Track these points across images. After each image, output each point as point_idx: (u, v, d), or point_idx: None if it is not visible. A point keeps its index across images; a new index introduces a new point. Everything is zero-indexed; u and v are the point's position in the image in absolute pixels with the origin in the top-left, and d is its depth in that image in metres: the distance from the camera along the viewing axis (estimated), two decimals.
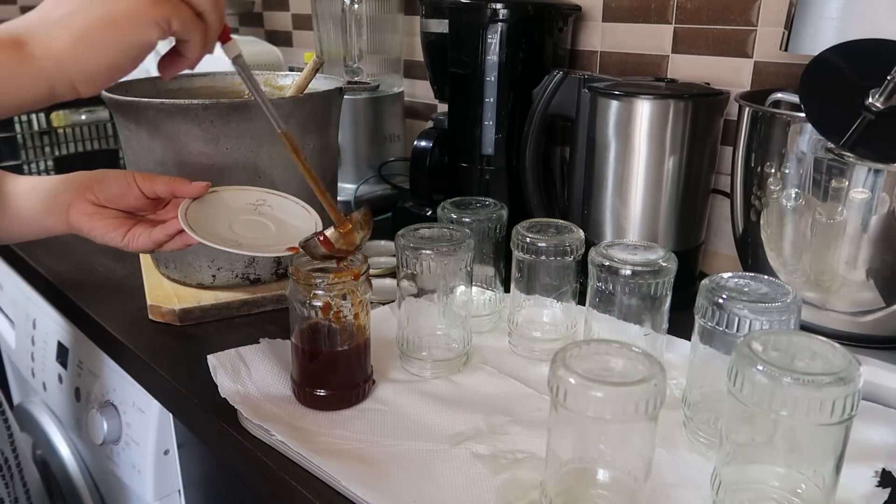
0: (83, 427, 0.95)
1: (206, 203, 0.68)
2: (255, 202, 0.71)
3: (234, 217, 0.68)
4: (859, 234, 0.64)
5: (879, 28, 0.60)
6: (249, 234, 0.67)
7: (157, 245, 0.67)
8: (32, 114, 1.26)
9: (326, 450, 0.57)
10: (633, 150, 0.80)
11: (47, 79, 0.49)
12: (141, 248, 0.67)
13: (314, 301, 0.60)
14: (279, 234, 0.68)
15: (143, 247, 0.67)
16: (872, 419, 0.61)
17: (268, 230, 0.68)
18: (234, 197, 0.71)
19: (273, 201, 0.71)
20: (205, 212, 0.67)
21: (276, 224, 0.69)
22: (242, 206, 0.70)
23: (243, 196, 0.71)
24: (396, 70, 1.25)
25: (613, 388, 0.44)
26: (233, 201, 0.70)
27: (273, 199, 0.72)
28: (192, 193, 0.67)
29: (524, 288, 0.73)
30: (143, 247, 0.67)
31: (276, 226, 0.69)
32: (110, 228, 0.66)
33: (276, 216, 0.70)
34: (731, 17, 0.91)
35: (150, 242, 0.67)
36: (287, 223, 0.69)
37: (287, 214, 0.70)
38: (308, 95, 0.82)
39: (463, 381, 0.68)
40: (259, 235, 0.67)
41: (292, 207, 0.71)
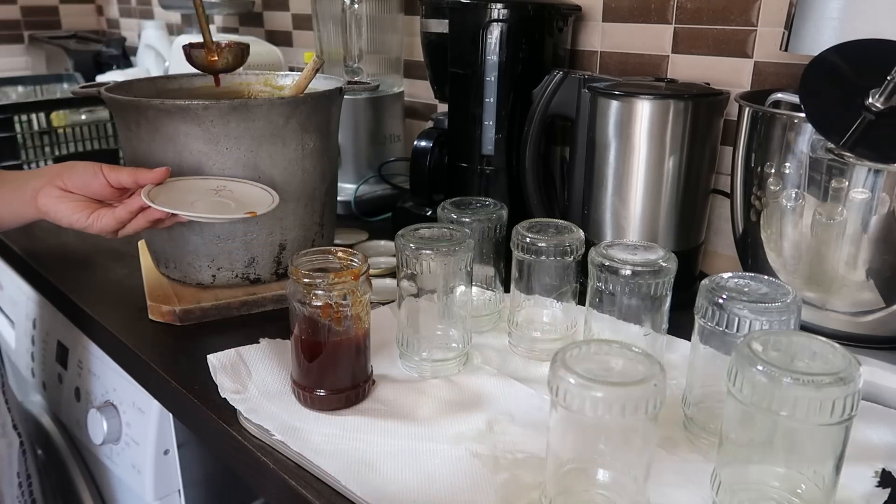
0: (83, 427, 0.95)
1: (167, 187, 0.72)
2: (217, 188, 0.75)
3: (196, 198, 0.72)
4: (859, 234, 0.64)
5: (879, 28, 0.60)
6: (214, 209, 0.70)
7: (120, 223, 0.70)
8: (32, 114, 1.26)
9: (326, 450, 0.57)
10: (633, 150, 0.80)
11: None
12: (104, 228, 0.70)
13: (314, 301, 0.60)
14: (239, 209, 0.71)
15: (106, 226, 0.70)
16: (872, 419, 0.61)
17: (228, 207, 0.71)
18: (196, 184, 0.75)
19: (234, 187, 0.75)
20: (167, 194, 0.71)
21: (237, 203, 0.72)
22: (204, 191, 0.73)
23: (204, 183, 0.75)
24: (396, 70, 1.25)
25: (613, 388, 0.44)
26: (194, 186, 0.74)
27: (234, 185, 0.75)
28: (153, 178, 0.70)
29: (524, 288, 0.73)
30: (107, 226, 0.70)
31: (236, 204, 0.72)
32: (75, 210, 0.70)
33: (236, 198, 0.73)
34: (731, 17, 0.91)
35: (114, 221, 0.70)
36: (247, 202, 0.72)
37: (247, 195, 0.73)
38: (308, 95, 0.82)
39: (463, 381, 0.68)
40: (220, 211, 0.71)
41: (253, 190, 0.75)
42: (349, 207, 1.16)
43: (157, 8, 1.97)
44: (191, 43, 0.82)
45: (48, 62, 2.08)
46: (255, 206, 0.72)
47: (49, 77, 1.71)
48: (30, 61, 2.17)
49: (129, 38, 2.10)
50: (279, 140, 0.78)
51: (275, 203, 0.72)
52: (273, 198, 0.73)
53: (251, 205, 0.72)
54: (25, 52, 2.20)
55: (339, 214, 1.07)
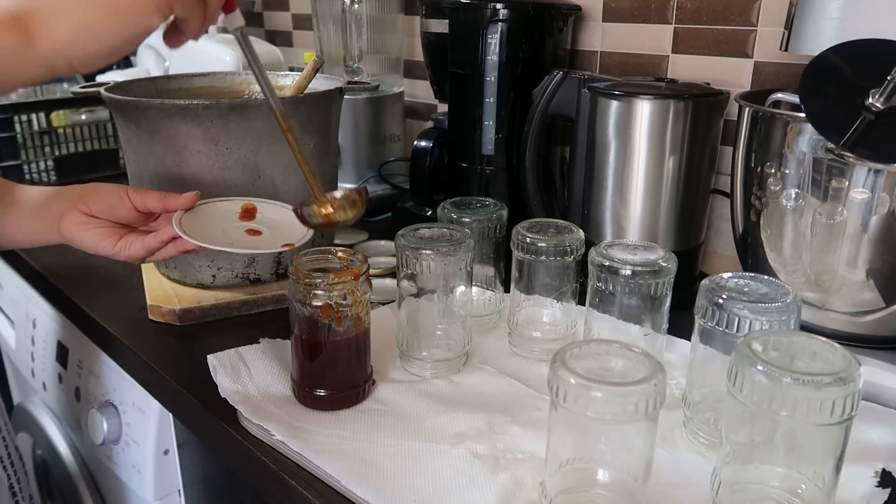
0: (83, 427, 0.95)
1: (197, 213, 0.69)
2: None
3: (227, 224, 0.69)
4: (859, 234, 0.64)
5: (879, 28, 0.60)
6: (243, 238, 0.68)
7: (149, 253, 0.67)
8: (32, 114, 1.26)
9: (326, 450, 0.57)
10: (633, 150, 0.80)
11: (47, 62, 0.49)
12: (132, 256, 0.67)
13: (314, 301, 0.60)
14: (273, 237, 0.68)
15: (135, 254, 0.67)
16: (872, 419, 0.61)
17: (261, 234, 0.69)
18: (226, 206, 0.72)
19: (264, 209, 0.72)
20: (197, 221, 0.68)
21: (269, 228, 0.70)
22: (233, 216, 0.71)
23: (232, 205, 0.72)
24: (396, 70, 1.25)
25: (613, 388, 0.44)
26: (225, 210, 0.71)
27: (264, 207, 0.73)
28: (183, 205, 0.67)
29: (524, 288, 0.73)
30: (135, 254, 0.67)
31: (268, 230, 0.69)
32: (101, 237, 0.67)
33: (268, 222, 0.71)
34: (731, 17, 0.91)
35: (143, 250, 0.67)
36: (279, 228, 0.69)
37: (279, 220, 0.71)
38: (308, 95, 0.82)
39: (463, 381, 0.68)
40: (253, 239, 0.68)
41: (284, 213, 0.72)
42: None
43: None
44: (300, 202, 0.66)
45: None
46: (287, 230, 0.68)
47: None
48: None
49: None
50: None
51: (310, 233, 0.68)
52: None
53: (283, 230, 0.68)
54: None
55: None
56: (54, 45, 0.48)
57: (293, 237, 0.67)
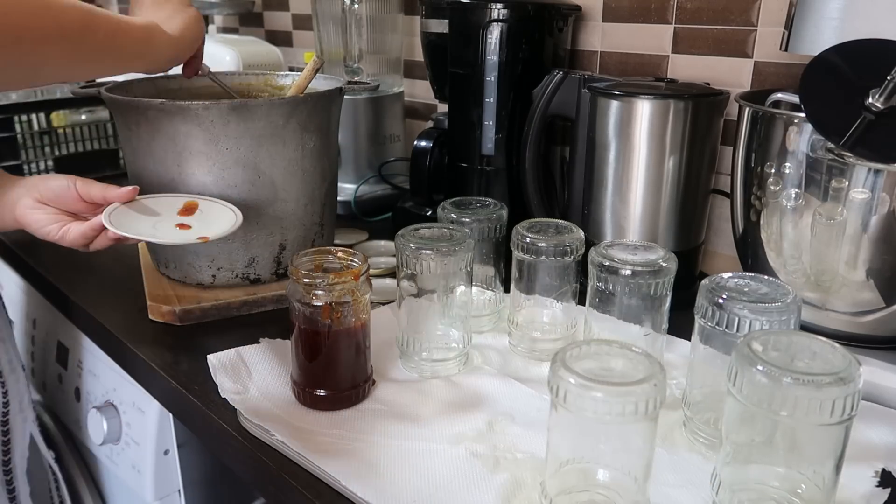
0: (83, 427, 0.95)
1: (136, 206, 0.73)
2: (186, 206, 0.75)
3: (162, 218, 0.72)
4: (859, 234, 0.64)
5: (879, 28, 0.60)
6: (170, 231, 0.71)
7: (86, 239, 0.72)
8: (32, 114, 1.26)
9: (326, 450, 0.57)
10: (633, 150, 0.80)
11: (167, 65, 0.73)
12: (73, 241, 0.72)
13: (314, 301, 0.60)
14: (197, 231, 0.71)
15: (74, 240, 0.72)
16: (872, 419, 0.61)
17: (189, 228, 0.71)
18: (163, 202, 0.75)
19: (207, 206, 0.75)
20: (132, 213, 0.71)
21: (200, 223, 0.72)
22: (171, 210, 0.74)
23: (170, 202, 0.75)
24: (396, 70, 1.25)
25: (613, 388, 0.44)
26: (166, 206, 0.74)
27: (208, 205, 0.75)
28: (120, 197, 0.71)
29: (524, 288, 0.73)
30: (75, 240, 0.72)
31: (198, 224, 0.72)
32: (48, 222, 0.72)
33: (203, 218, 0.73)
34: (731, 17, 0.91)
35: (81, 236, 0.71)
36: (208, 224, 0.72)
37: (214, 217, 0.73)
38: (308, 95, 0.81)
39: (463, 381, 0.68)
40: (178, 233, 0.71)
41: (221, 210, 0.74)
42: (349, 207, 1.16)
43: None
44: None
45: None
46: (216, 227, 0.71)
47: None
48: None
49: None
50: (279, 140, 0.78)
51: (235, 226, 0.71)
52: (236, 218, 0.72)
53: (212, 226, 0.71)
54: None
55: (339, 214, 1.07)
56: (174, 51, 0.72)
57: (216, 233, 0.70)
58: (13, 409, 0.87)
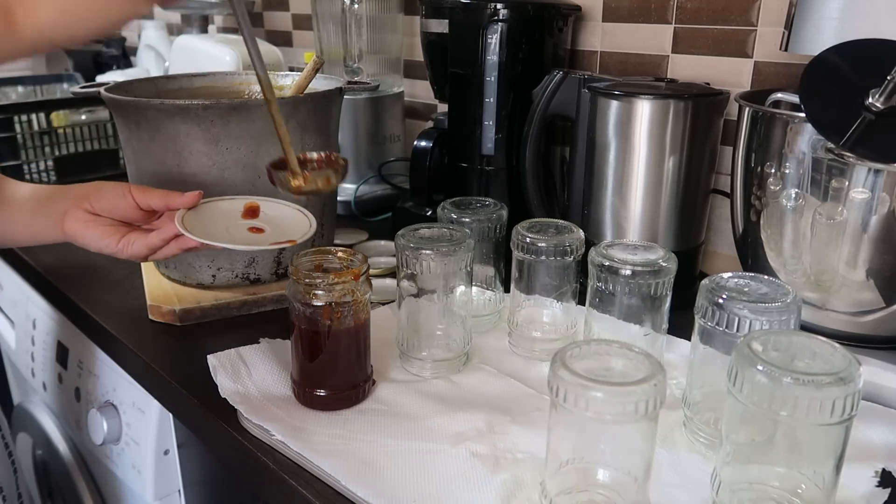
0: (83, 427, 0.95)
1: (200, 212, 0.69)
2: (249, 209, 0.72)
3: (230, 223, 0.69)
4: (859, 234, 0.64)
5: (879, 28, 0.60)
6: (246, 236, 0.68)
7: (151, 250, 0.68)
8: (32, 114, 1.26)
9: (326, 450, 0.57)
10: (633, 150, 0.80)
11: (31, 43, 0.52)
12: (135, 254, 0.68)
13: (314, 301, 0.60)
14: (275, 234, 0.68)
15: (137, 252, 0.67)
16: (872, 419, 0.61)
17: (264, 232, 0.69)
18: (229, 205, 0.72)
19: (267, 207, 0.72)
20: (200, 219, 0.68)
21: (272, 226, 0.70)
22: (236, 214, 0.71)
23: (237, 204, 0.72)
24: (396, 70, 1.25)
25: (613, 388, 0.44)
26: (228, 209, 0.71)
27: (267, 205, 0.72)
28: (185, 203, 0.67)
29: (524, 288, 0.73)
30: (138, 252, 0.67)
31: (271, 227, 0.69)
32: (105, 235, 0.67)
33: (270, 220, 0.71)
34: (731, 17, 0.91)
35: (145, 248, 0.67)
36: (281, 226, 0.69)
37: (281, 217, 0.71)
38: (308, 95, 0.82)
39: (463, 381, 0.68)
40: (256, 236, 0.68)
41: (288, 211, 0.72)
42: (349, 207, 1.16)
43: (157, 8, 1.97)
44: (272, 162, 0.66)
45: (48, 62, 2.08)
46: (290, 228, 0.68)
47: (49, 77, 1.71)
48: (30, 61, 2.17)
49: (128, 39, 2.10)
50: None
51: (312, 228, 0.68)
52: (310, 221, 0.70)
53: (286, 228, 0.68)
54: None
55: (339, 214, 1.07)
56: (36, 30, 0.51)
57: (295, 234, 0.67)
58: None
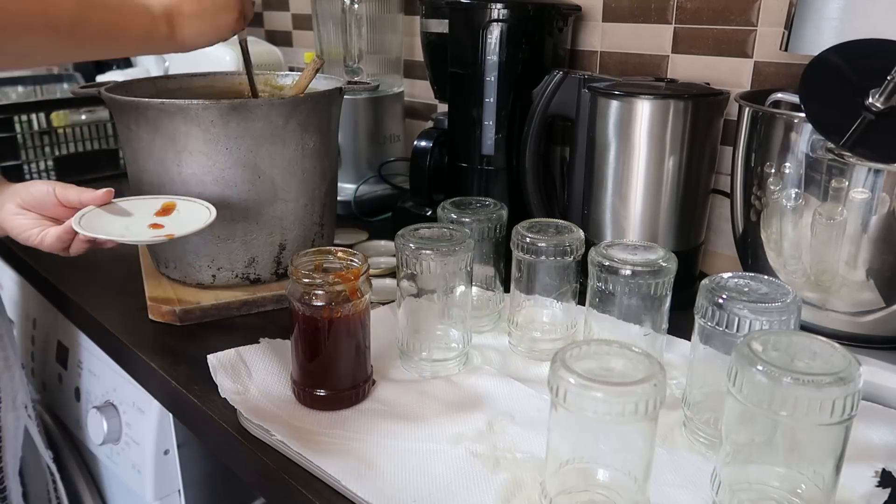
0: (83, 427, 0.95)
1: (111, 209, 0.73)
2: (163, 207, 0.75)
3: (136, 219, 0.72)
4: (859, 234, 0.64)
5: (879, 28, 0.60)
6: (143, 232, 0.71)
7: (62, 243, 0.71)
8: (32, 114, 1.26)
9: (326, 450, 0.57)
10: (633, 150, 0.80)
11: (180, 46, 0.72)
12: (51, 245, 0.72)
13: (314, 301, 0.60)
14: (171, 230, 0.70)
15: (52, 244, 0.71)
16: (872, 419, 0.61)
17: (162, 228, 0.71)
18: (140, 204, 0.75)
19: (182, 206, 0.75)
20: (104, 217, 0.71)
21: (174, 223, 0.72)
22: (145, 212, 0.74)
23: (148, 204, 0.75)
24: (396, 70, 1.25)
25: (613, 388, 0.44)
26: (136, 208, 0.74)
27: (183, 204, 0.75)
28: (95, 200, 0.71)
29: (524, 288, 0.73)
30: (52, 244, 0.71)
31: (172, 224, 0.72)
32: (27, 227, 0.72)
33: (178, 218, 0.73)
34: (731, 17, 0.91)
35: (57, 240, 0.71)
36: (182, 224, 0.72)
37: (189, 217, 0.73)
38: (308, 95, 0.82)
39: (463, 381, 0.68)
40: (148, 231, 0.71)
41: (197, 209, 0.74)
42: (349, 207, 1.16)
43: None
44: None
45: None
46: (188, 226, 0.71)
47: (49, 77, 1.71)
48: None
49: None
50: (279, 140, 0.78)
51: (207, 222, 0.71)
52: (210, 214, 0.72)
53: (186, 226, 0.71)
54: None
55: (339, 214, 1.07)
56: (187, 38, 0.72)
57: (185, 230, 0.70)
58: (5, 407, 0.87)
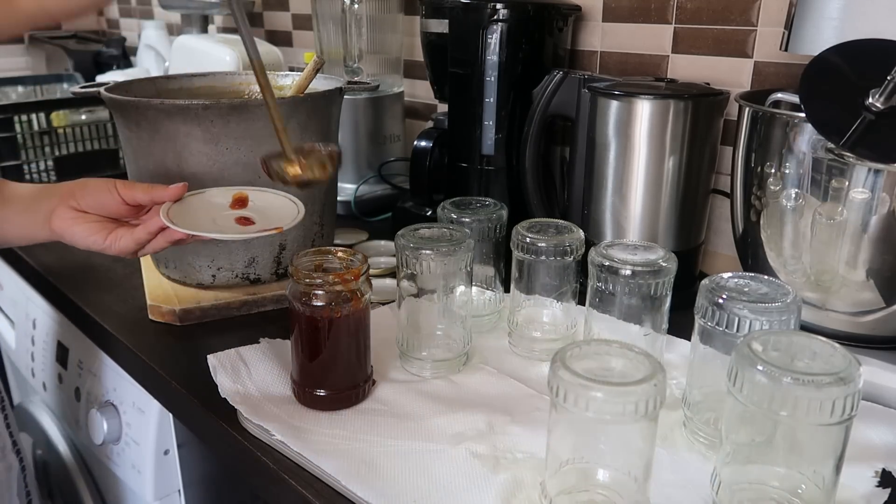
0: (83, 427, 0.95)
1: (187, 204, 0.69)
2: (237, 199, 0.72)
3: (218, 214, 0.69)
4: (859, 234, 0.64)
5: (879, 28, 0.60)
6: (233, 226, 0.68)
7: (139, 245, 0.67)
8: (32, 114, 1.26)
9: (326, 450, 0.57)
10: (633, 150, 0.80)
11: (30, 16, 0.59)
12: (123, 249, 0.67)
13: (314, 301, 0.60)
14: (263, 223, 0.68)
15: (125, 247, 0.67)
16: (872, 419, 0.61)
17: (253, 222, 0.69)
18: (217, 196, 0.72)
19: (256, 196, 0.72)
20: (187, 211, 0.68)
21: (261, 215, 0.69)
22: (224, 204, 0.71)
23: (226, 195, 0.72)
24: (396, 70, 1.25)
25: (613, 388, 0.44)
26: (216, 200, 0.71)
27: (256, 195, 0.72)
28: (170, 196, 0.67)
29: (524, 288, 0.73)
30: (126, 247, 0.67)
31: (260, 216, 0.69)
32: (92, 232, 0.67)
33: (259, 209, 0.70)
34: (731, 17, 0.91)
35: (133, 242, 0.67)
36: (270, 215, 0.69)
37: (270, 207, 0.71)
38: (308, 95, 0.82)
39: (463, 381, 0.68)
40: (243, 227, 0.68)
41: (276, 200, 0.72)
42: (349, 207, 1.16)
43: (157, 8, 1.97)
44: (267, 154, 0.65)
45: (48, 62, 2.08)
46: (279, 217, 0.68)
47: (49, 77, 1.71)
48: (30, 61, 2.17)
49: (129, 38, 2.10)
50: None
51: (300, 215, 0.68)
52: (298, 208, 0.69)
53: (275, 216, 0.68)
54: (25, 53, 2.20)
55: (339, 214, 1.07)
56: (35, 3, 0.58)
57: (283, 221, 0.67)
58: None
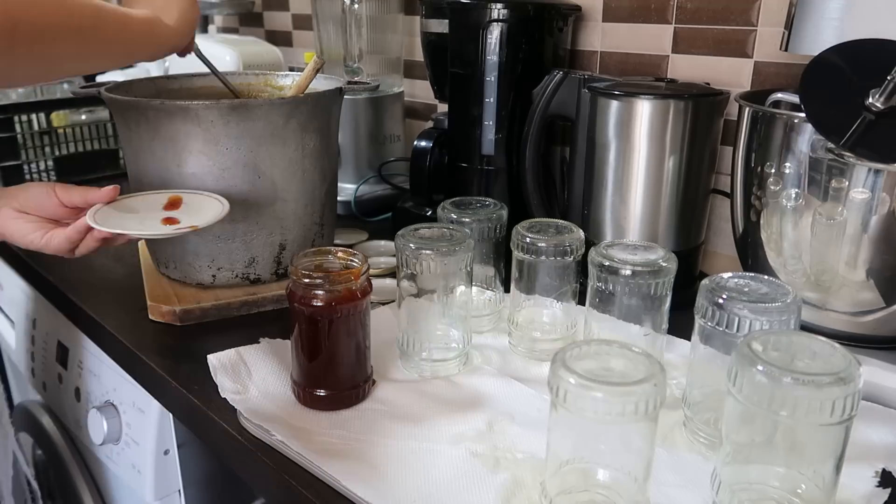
0: (83, 427, 0.95)
1: (120, 206, 0.72)
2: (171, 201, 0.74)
3: (147, 215, 0.72)
4: (859, 234, 0.64)
5: (879, 28, 0.60)
6: (157, 227, 0.70)
7: (72, 243, 0.70)
8: (32, 114, 1.26)
9: (326, 450, 0.57)
10: (633, 150, 0.80)
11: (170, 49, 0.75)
12: (58, 248, 0.70)
13: (314, 301, 0.60)
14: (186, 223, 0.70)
15: (59, 245, 0.70)
16: (872, 419, 0.61)
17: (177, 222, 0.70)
18: (152, 198, 0.74)
19: (189, 199, 0.74)
20: (117, 212, 0.71)
21: (187, 216, 0.71)
22: (154, 207, 0.73)
23: (161, 197, 0.74)
24: (396, 70, 1.25)
25: (613, 388, 0.44)
26: (149, 203, 0.74)
27: (189, 197, 0.74)
28: (102, 198, 0.70)
29: (524, 288, 0.73)
30: (60, 245, 0.70)
31: (186, 217, 0.71)
32: (30, 231, 0.70)
33: (189, 211, 0.73)
34: (731, 17, 0.91)
35: (66, 241, 0.70)
36: (194, 216, 0.71)
37: (199, 208, 0.73)
38: (308, 95, 0.82)
39: (463, 381, 0.68)
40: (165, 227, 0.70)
41: (206, 201, 0.74)
42: (349, 207, 1.16)
43: None
44: None
45: None
46: (203, 217, 0.70)
47: None
48: None
49: None
50: (279, 140, 0.78)
51: (223, 212, 0.70)
52: (224, 207, 0.72)
53: (199, 218, 0.70)
54: None
55: (339, 214, 1.07)
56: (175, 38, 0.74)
57: (205, 221, 0.69)
58: None
